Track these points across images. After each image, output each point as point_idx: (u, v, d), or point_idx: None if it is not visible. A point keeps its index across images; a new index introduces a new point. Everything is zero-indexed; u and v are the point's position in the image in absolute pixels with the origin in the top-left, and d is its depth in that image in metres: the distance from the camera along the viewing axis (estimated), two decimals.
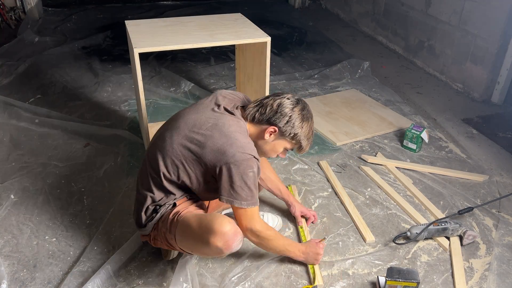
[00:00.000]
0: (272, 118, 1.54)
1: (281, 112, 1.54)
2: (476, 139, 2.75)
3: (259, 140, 1.58)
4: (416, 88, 3.44)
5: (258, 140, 1.58)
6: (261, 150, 1.61)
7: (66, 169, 2.33)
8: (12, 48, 3.90)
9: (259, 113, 1.56)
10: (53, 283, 1.68)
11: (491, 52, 3.08)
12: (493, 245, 1.91)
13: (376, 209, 2.10)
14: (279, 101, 1.55)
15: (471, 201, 2.18)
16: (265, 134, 1.56)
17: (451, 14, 3.39)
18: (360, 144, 2.64)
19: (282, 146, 1.61)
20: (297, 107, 1.56)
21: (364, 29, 4.71)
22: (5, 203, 2.07)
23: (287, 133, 1.56)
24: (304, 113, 1.57)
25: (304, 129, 1.57)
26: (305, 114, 1.57)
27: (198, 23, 2.45)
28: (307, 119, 1.58)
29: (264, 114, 1.55)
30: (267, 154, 1.63)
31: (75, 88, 3.23)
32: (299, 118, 1.55)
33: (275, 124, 1.55)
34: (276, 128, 1.55)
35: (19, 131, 2.66)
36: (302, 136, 1.58)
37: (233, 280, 1.68)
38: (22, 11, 4.73)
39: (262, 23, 3.89)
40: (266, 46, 2.25)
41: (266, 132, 1.56)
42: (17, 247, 1.84)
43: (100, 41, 4.20)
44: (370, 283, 1.70)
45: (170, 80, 3.34)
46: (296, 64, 3.81)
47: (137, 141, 2.58)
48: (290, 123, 1.54)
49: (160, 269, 1.74)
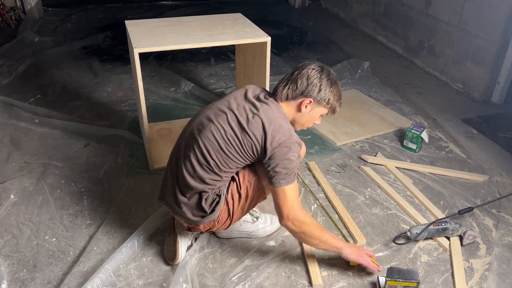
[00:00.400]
0: (305, 91, 1.62)
1: (311, 83, 1.61)
2: (476, 139, 2.74)
3: (297, 114, 1.66)
4: (416, 88, 3.44)
5: (296, 114, 1.67)
6: (299, 123, 1.70)
7: (66, 169, 2.33)
8: (12, 48, 3.90)
9: (291, 89, 1.63)
10: (53, 283, 1.68)
11: (491, 52, 3.08)
12: (493, 245, 1.91)
13: (376, 209, 2.10)
14: (306, 73, 1.63)
15: (471, 201, 2.18)
16: (302, 107, 1.64)
17: (451, 14, 3.39)
18: (360, 144, 2.64)
19: (319, 114, 1.69)
20: (323, 74, 1.64)
21: (364, 29, 4.71)
22: (5, 203, 2.07)
23: (322, 100, 1.64)
24: (331, 77, 1.65)
25: (334, 92, 1.66)
26: (331, 78, 1.66)
27: (198, 23, 2.45)
28: (335, 83, 1.66)
29: (296, 89, 1.62)
30: (305, 125, 1.72)
31: (75, 88, 3.23)
32: (328, 84, 1.63)
33: (309, 95, 1.62)
34: (311, 99, 1.62)
35: (19, 131, 2.66)
36: (334, 99, 1.67)
37: (233, 280, 1.68)
38: (22, 11, 4.73)
39: (262, 23, 3.89)
40: (266, 46, 2.25)
41: (302, 105, 1.63)
42: (17, 247, 1.84)
43: (100, 41, 4.20)
44: (370, 283, 1.70)
45: (170, 80, 3.34)
46: (296, 64, 3.79)
47: (137, 141, 2.58)
48: (322, 91, 1.62)
49: (160, 269, 1.74)
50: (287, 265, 1.77)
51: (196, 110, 2.98)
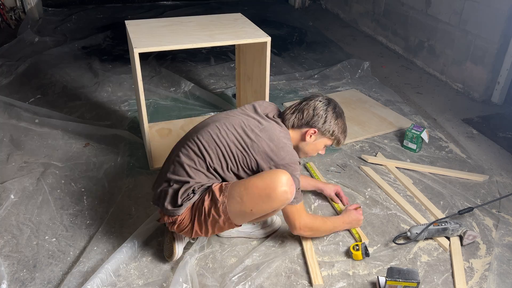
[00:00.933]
0: (310, 121, 1.70)
1: (317, 114, 1.69)
2: (476, 139, 2.74)
3: (301, 142, 1.74)
4: (416, 88, 3.44)
5: (300, 143, 1.74)
6: (302, 152, 1.77)
7: (66, 169, 2.33)
8: (12, 48, 3.90)
9: (297, 118, 1.71)
10: (53, 283, 1.68)
11: (491, 52, 3.08)
12: (493, 245, 1.91)
13: (376, 209, 2.10)
14: (313, 105, 1.71)
15: (471, 201, 2.18)
16: (306, 136, 1.71)
17: (451, 14, 3.39)
18: (360, 144, 2.64)
19: (323, 144, 1.76)
20: (330, 107, 1.72)
21: (364, 29, 4.71)
22: (5, 203, 2.07)
23: (326, 132, 1.72)
24: (337, 111, 1.74)
25: (339, 125, 1.74)
26: (337, 111, 1.74)
27: (198, 23, 2.45)
28: (340, 116, 1.74)
29: (302, 119, 1.70)
30: (308, 153, 1.79)
31: (75, 88, 3.23)
32: (333, 116, 1.72)
33: (314, 126, 1.70)
34: (316, 129, 1.70)
35: (19, 131, 2.66)
36: (339, 131, 1.74)
37: (234, 280, 1.68)
38: (22, 11, 4.73)
39: (262, 23, 3.90)
40: (266, 46, 2.25)
41: (307, 135, 1.71)
42: (17, 247, 1.84)
43: (100, 41, 4.20)
44: (370, 283, 1.70)
45: (170, 80, 3.34)
46: (296, 64, 3.81)
47: (137, 141, 2.58)
48: (327, 123, 1.70)
49: (160, 269, 1.74)
50: (287, 265, 1.77)
51: (196, 110, 2.98)
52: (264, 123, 1.65)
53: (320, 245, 1.87)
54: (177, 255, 1.73)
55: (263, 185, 1.52)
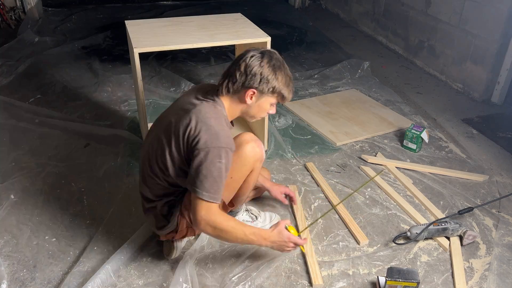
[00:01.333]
0: (245, 83, 1.51)
1: (250, 72, 1.50)
2: (476, 139, 2.75)
3: (243, 106, 1.57)
4: (416, 88, 3.44)
5: (242, 107, 1.58)
6: (249, 115, 1.61)
7: (66, 169, 2.33)
8: (12, 48, 3.90)
9: (231, 82, 1.53)
10: (53, 283, 1.68)
11: (491, 52, 3.08)
12: (493, 245, 1.91)
13: (376, 209, 2.10)
14: (244, 64, 1.51)
15: (471, 201, 2.18)
16: (246, 99, 1.54)
17: (451, 14, 3.39)
18: (360, 144, 2.64)
19: (267, 103, 1.58)
20: (264, 61, 1.51)
21: (364, 29, 4.71)
22: (5, 203, 2.07)
23: (265, 90, 1.53)
24: (274, 63, 1.53)
25: (280, 79, 1.53)
26: (274, 64, 1.53)
27: (198, 23, 2.45)
28: (278, 68, 1.53)
29: (235, 82, 1.52)
30: (256, 116, 1.62)
31: (75, 88, 3.23)
32: (270, 71, 1.51)
33: (251, 86, 1.51)
34: (254, 89, 1.52)
35: (19, 131, 2.66)
36: (280, 86, 1.54)
37: (233, 280, 1.68)
38: (22, 11, 4.72)
39: (262, 23, 3.89)
40: (266, 46, 2.25)
41: (246, 97, 1.53)
42: (17, 247, 1.84)
43: (100, 41, 4.20)
44: (370, 283, 1.70)
45: (170, 80, 3.34)
46: (296, 64, 3.81)
47: (137, 141, 2.58)
48: (264, 79, 1.51)
49: (160, 269, 1.74)
50: (287, 265, 1.77)
51: None
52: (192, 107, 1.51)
53: (320, 245, 1.87)
54: (176, 252, 1.74)
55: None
